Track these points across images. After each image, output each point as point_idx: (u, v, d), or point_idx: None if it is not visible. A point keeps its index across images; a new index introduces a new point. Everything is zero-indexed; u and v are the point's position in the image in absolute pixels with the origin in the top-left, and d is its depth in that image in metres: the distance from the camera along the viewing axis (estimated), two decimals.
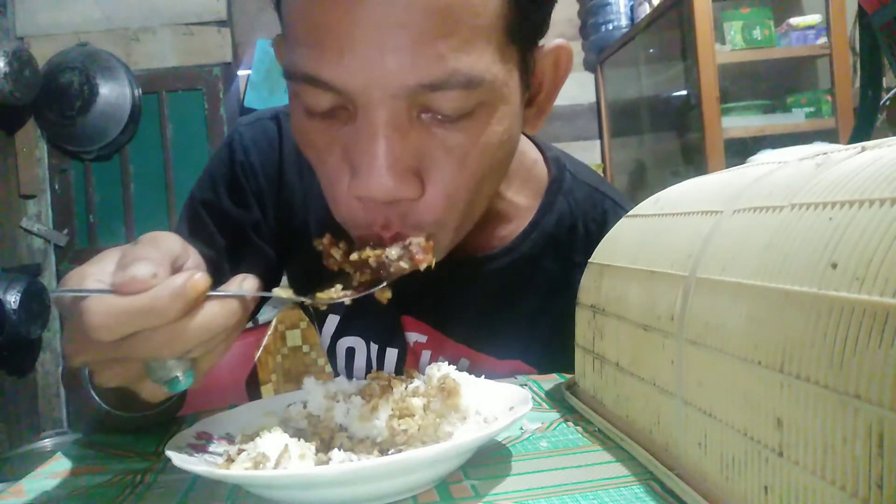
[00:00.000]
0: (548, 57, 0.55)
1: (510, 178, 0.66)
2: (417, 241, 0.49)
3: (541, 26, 0.53)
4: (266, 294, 0.44)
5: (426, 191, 0.49)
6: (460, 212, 0.52)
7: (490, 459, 0.43)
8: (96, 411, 0.52)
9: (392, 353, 0.72)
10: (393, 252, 0.49)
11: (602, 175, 2.80)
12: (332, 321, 0.74)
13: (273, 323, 1.49)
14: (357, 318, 0.73)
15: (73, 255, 2.56)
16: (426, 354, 0.71)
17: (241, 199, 0.71)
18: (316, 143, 0.50)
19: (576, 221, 0.69)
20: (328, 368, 0.79)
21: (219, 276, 0.40)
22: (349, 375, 0.74)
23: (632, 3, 2.61)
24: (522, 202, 0.69)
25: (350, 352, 0.74)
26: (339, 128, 0.48)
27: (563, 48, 0.56)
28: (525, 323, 0.69)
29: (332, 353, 0.76)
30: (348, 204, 0.50)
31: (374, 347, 0.72)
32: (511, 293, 0.69)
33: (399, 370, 0.72)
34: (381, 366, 0.73)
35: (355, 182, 0.47)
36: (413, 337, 0.71)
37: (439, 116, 0.47)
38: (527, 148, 0.71)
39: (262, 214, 0.71)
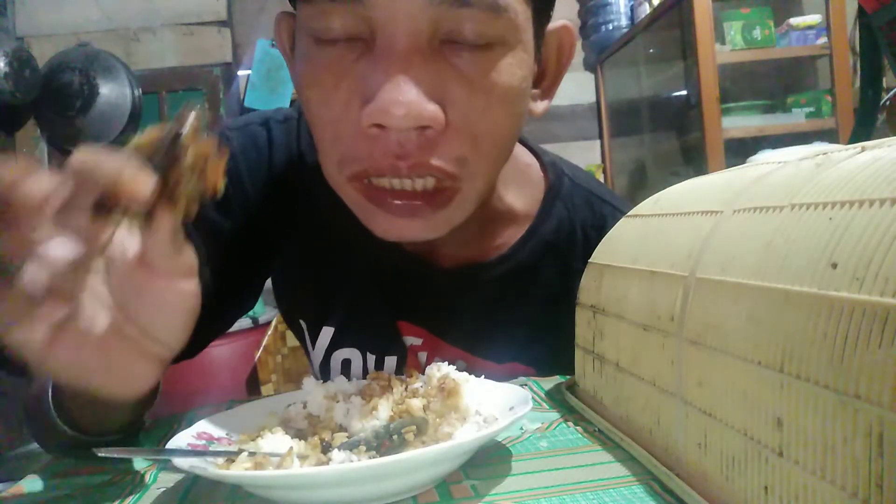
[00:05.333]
0: (552, 38, 0.55)
1: (506, 179, 0.64)
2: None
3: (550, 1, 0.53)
4: None
5: (449, 122, 0.47)
6: (485, 156, 0.50)
7: (490, 459, 0.43)
8: (60, 435, 0.49)
9: (391, 361, 0.70)
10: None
11: (602, 176, 2.80)
12: (327, 333, 0.71)
13: (273, 323, 1.49)
14: (352, 329, 0.71)
15: None
16: (422, 356, 0.69)
17: (224, 206, 0.66)
18: (323, 77, 0.48)
19: (574, 227, 0.68)
20: None
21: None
22: None
23: (632, 3, 2.61)
24: (520, 207, 0.67)
25: (346, 364, 0.71)
26: (352, 62, 0.47)
27: (566, 28, 0.56)
28: (524, 332, 0.67)
29: (326, 366, 0.73)
30: (357, 137, 0.47)
31: (372, 358, 0.70)
32: (509, 301, 0.67)
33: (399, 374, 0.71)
34: None
35: (372, 106, 0.45)
36: (409, 340, 0.69)
37: (459, 43, 0.46)
38: (519, 151, 0.69)
39: (247, 223, 0.68)
